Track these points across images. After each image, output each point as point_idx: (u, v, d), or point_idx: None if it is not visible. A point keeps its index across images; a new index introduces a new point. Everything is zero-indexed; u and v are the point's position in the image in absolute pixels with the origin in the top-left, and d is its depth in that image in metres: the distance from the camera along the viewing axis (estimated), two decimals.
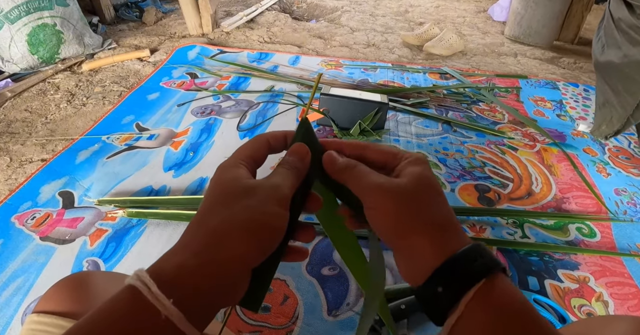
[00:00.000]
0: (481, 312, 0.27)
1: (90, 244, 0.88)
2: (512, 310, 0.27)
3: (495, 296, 0.27)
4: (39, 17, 1.52)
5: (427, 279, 0.29)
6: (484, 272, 0.27)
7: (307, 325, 0.73)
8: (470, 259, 0.28)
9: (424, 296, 0.29)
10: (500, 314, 0.27)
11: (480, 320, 0.27)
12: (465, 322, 0.27)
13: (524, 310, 0.27)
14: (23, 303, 0.76)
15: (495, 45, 2.09)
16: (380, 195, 0.30)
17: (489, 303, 0.27)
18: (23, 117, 1.33)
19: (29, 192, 1.01)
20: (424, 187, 0.31)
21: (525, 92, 1.62)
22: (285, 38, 2.03)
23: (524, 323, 0.26)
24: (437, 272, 0.28)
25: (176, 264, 0.27)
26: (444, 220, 0.30)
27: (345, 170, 0.33)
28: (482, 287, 0.27)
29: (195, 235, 0.28)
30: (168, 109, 1.37)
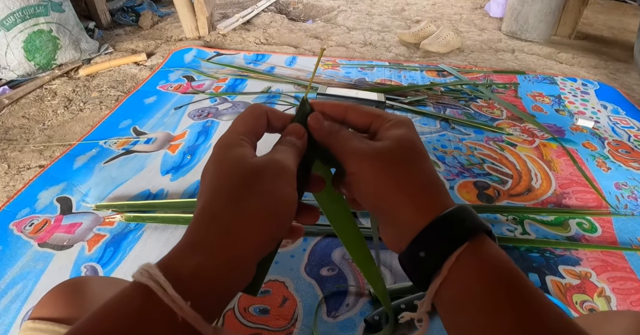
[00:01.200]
0: (465, 275, 0.26)
1: (88, 250, 0.88)
2: (496, 274, 0.26)
3: (479, 259, 0.26)
4: (35, 23, 1.52)
5: (410, 244, 0.28)
6: (467, 235, 0.26)
7: (307, 327, 0.73)
8: (454, 221, 0.27)
9: (407, 261, 0.29)
10: (484, 277, 0.26)
11: (463, 284, 0.26)
12: (449, 287, 0.26)
13: (508, 273, 0.26)
14: (22, 310, 0.76)
15: (492, 42, 2.09)
16: (361, 161, 0.30)
17: (472, 267, 0.26)
18: (21, 124, 1.33)
19: (27, 199, 1.00)
20: (407, 149, 0.30)
21: (523, 88, 1.61)
22: (282, 39, 2.02)
23: (509, 286, 0.25)
24: (419, 235, 0.27)
25: (193, 263, 0.25)
26: (427, 183, 0.29)
27: (329, 135, 0.33)
28: (466, 250, 0.26)
29: (209, 230, 0.27)
30: (165, 112, 1.37)
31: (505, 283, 0.26)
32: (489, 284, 0.26)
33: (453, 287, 0.26)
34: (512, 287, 0.25)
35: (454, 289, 0.26)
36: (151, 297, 0.23)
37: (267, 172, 0.28)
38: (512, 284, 0.26)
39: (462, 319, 0.26)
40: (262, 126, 0.33)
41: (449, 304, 0.27)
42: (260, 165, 0.29)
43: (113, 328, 0.23)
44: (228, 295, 0.27)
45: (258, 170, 0.28)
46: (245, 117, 0.33)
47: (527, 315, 0.24)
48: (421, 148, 0.31)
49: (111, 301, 0.24)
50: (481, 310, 0.25)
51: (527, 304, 0.25)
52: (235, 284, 0.27)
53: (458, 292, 0.26)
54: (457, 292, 0.26)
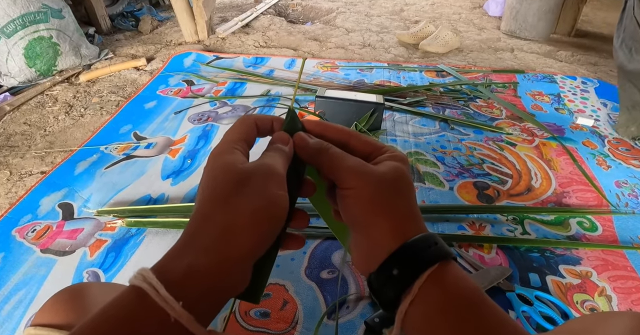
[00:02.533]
0: (434, 294, 0.27)
1: (90, 255, 0.88)
2: (464, 294, 0.28)
3: (448, 280, 0.28)
4: (35, 30, 1.53)
5: (383, 262, 0.29)
6: (437, 258, 0.28)
7: (307, 330, 0.73)
8: (424, 245, 0.29)
9: (377, 281, 0.30)
10: (452, 297, 0.27)
11: (433, 303, 0.27)
12: (419, 306, 0.28)
13: (475, 294, 0.28)
14: (25, 316, 0.76)
15: (491, 41, 2.09)
16: (359, 177, 0.31)
17: (441, 286, 0.28)
18: (22, 130, 1.34)
19: (29, 205, 1.01)
20: (400, 179, 0.32)
21: (523, 87, 1.61)
22: (281, 42, 2.03)
23: (476, 306, 0.27)
24: (395, 254, 0.29)
25: (185, 264, 0.26)
26: (409, 211, 0.31)
27: (319, 152, 0.34)
28: (435, 271, 0.28)
29: (201, 231, 0.28)
30: (165, 117, 1.37)
31: (472, 304, 0.27)
32: (456, 303, 0.27)
33: (421, 306, 0.27)
34: (479, 308, 0.27)
35: (422, 308, 0.27)
36: (145, 299, 0.24)
37: (257, 175, 0.30)
38: (479, 306, 0.27)
39: None
40: (252, 134, 0.35)
41: (417, 325, 0.28)
42: (250, 169, 0.30)
43: (109, 333, 0.23)
44: (222, 296, 0.27)
45: (248, 173, 0.30)
46: (236, 127, 0.35)
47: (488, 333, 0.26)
48: (411, 182, 0.33)
49: (107, 306, 0.24)
50: (449, 329, 0.27)
51: (488, 323, 0.27)
52: (229, 285, 0.27)
53: (426, 311, 0.27)
54: (425, 311, 0.27)
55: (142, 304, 0.24)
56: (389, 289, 0.29)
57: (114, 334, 0.23)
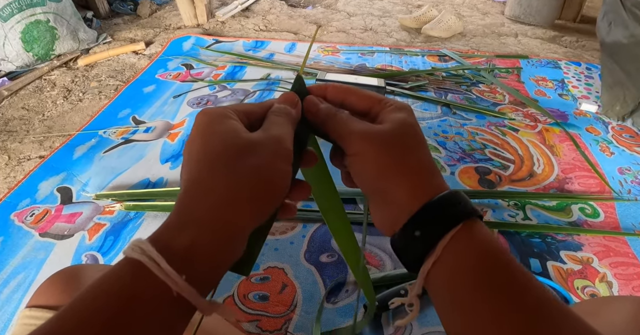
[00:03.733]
0: (458, 255, 0.26)
1: (88, 239, 0.88)
2: (489, 255, 0.26)
3: (472, 240, 0.27)
4: (32, 13, 1.51)
5: (405, 223, 0.28)
6: (461, 217, 0.27)
7: (306, 313, 0.73)
8: (448, 204, 0.28)
9: (400, 242, 0.29)
10: (476, 257, 0.26)
11: (456, 263, 0.26)
12: (442, 266, 0.27)
13: (500, 255, 0.26)
14: (24, 299, 0.76)
15: (495, 26, 2.05)
16: (362, 141, 0.30)
17: (465, 246, 0.27)
18: (20, 115, 1.33)
19: (27, 189, 1.01)
20: (407, 133, 0.30)
21: (527, 72, 1.59)
22: (281, 25, 2.00)
23: (501, 267, 0.26)
24: (416, 215, 0.28)
25: (188, 237, 0.24)
26: (425, 167, 0.30)
27: (327, 118, 0.32)
28: (460, 231, 0.26)
29: (201, 202, 0.26)
30: (164, 101, 1.36)
31: (494, 263, 0.26)
32: (479, 263, 0.26)
33: (445, 266, 0.27)
34: (500, 267, 0.26)
35: (446, 269, 0.27)
36: (143, 273, 0.23)
37: (265, 149, 0.28)
38: (501, 265, 0.26)
39: (452, 298, 0.26)
40: (251, 109, 0.32)
41: (440, 283, 0.27)
42: (257, 141, 0.28)
43: (104, 308, 0.22)
44: (222, 268, 0.27)
45: (254, 145, 0.28)
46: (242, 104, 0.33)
47: (514, 294, 0.25)
48: (420, 133, 0.31)
49: (100, 279, 0.23)
50: (472, 288, 0.25)
51: (514, 283, 0.25)
52: (228, 256, 0.26)
53: (450, 272, 0.26)
54: (448, 272, 0.27)
55: (139, 278, 0.23)
56: (412, 251, 0.28)
57: (108, 309, 0.22)
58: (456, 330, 0.27)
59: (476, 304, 0.25)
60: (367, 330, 0.71)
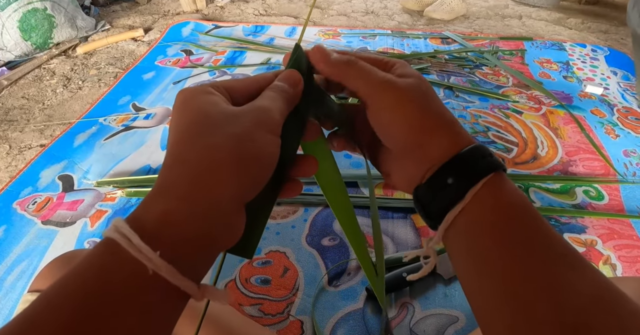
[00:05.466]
0: (486, 203, 0.27)
1: (90, 225, 0.88)
2: (515, 205, 0.27)
3: (500, 191, 0.27)
4: (29, 2, 1.49)
5: (436, 172, 0.28)
6: (491, 169, 0.27)
7: (308, 297, 0.73)
8: (478, 155, 0.28)
9: (427, 193, 0.29)
10: (503, 206, 0.27)
11: (483, 211, 0.27)
12: (468, 214, 0.27)
13: (525, 207, 0.27)
14: (27, 287, 0.76)
15: (499, 8, 2.02)
16: (394, 91, 0.29)
17: (493, 196, 0.27)
18: (20, 105, 1.32)
19: (29, 178, 1.01)
20: (428, 87, 0.30)
21: (531, 55, 1.56)
22: (281, 9, 1.97)
23: (525, 218, 0.26)
24: (448, 164, 0.28)
25: (160, 210, 0.23)
26: (452, 119, 0.30)
27: (346, 66, 0.30)
28: (489, 181, 0.27)
29: (177, 174, 0.24)
30: (164, 87, 1.35)
31: (520, 214, 0.27)
32: (506, 213, 0.26)
33: (471, 214, 0.27)
34: (526, 218, 0.26)
35: (471, 216, 0.27)
36: (117, 251, 0.21)
37: (244, 116, 0.26)
38: (526, 216, 0.26)
39: (473, 246, 0.27)
40: (236, 84, 0.30)
41: (462, 231, 0.28)
42: (238, 111, 0.26)
43: (76, 291, 0.20)
44: (211, 248, 0.24)
45: (234, 115, 0.26)
46: None
47: (538, 244, 0.25)
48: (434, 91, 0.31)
49: (79, 262, 0.22)
50: (496, 235, 0.26)
51: (538, 234, 0.26)
52: (216, 231, 0.24)
53: (474, 219, 0.27)
54: (473, 219, 0.27)
55: (114, 257, 0.21)
56: (442, 199, 0.28)
57: (79, 292, 0.20)
58: (472, 281, 0.27)
59: (499, 251, 0.26)
60: (369, 312, 0.71)
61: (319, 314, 0.71)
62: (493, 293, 0.25)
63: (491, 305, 0.26)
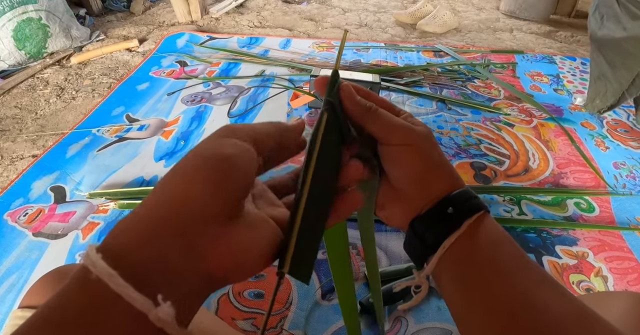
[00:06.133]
0: (476, 235, 0.30)
1: (82, 238, 0.87)
2: (501, 238, 0.31)
3: (487, 225, 0.31)
4: (24, 11, 1.49)
5: (437, 204, 0.32)
6: (480, 207, 0.31)
7: (301, 311, 0.73)
8: (470, 196, 0.32)
9: (425, 222, 0.32)
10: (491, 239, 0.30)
11: (474, 242, 0.30)
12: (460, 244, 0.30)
13: (509, 240, 0.31)
14: (17, 299, 0.76)
15: (490, 21, 2.05)
16: (410, 134, 0.32)
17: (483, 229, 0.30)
18: (13, 114, 1.31)
19: (20, 189, 1.00)
20: (433, 136, 0.34)
21: (522, 68, 1.59)
22: (276, 22, 1.99)
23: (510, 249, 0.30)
24: (448, 197, 0.32)
25: (122, 223, 0.22)
26: (450, 165, 0.34)
27: (369, 112, 0.33)
28: (478, 217, 0.31)
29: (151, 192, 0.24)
30: (158, 98, 1.35)
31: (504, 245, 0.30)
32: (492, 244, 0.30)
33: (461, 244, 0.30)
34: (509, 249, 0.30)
35: (462, 247, 0.30)
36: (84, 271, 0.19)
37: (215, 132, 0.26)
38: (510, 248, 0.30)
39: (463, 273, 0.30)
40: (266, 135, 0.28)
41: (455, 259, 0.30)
42: None
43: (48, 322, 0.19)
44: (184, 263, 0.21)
45: None
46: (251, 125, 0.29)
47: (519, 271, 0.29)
48: None
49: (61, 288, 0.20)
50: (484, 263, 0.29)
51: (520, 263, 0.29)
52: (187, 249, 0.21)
53: (465, 249, 0.30)
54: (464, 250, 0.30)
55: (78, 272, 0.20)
56: (439, 228, 0.31)
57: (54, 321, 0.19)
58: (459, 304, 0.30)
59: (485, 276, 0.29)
60: (363, 326, 0.71)
61: (313, 328, 0.71)
62: (478, 312, 0.29)
63: (477, 323, 0.29)
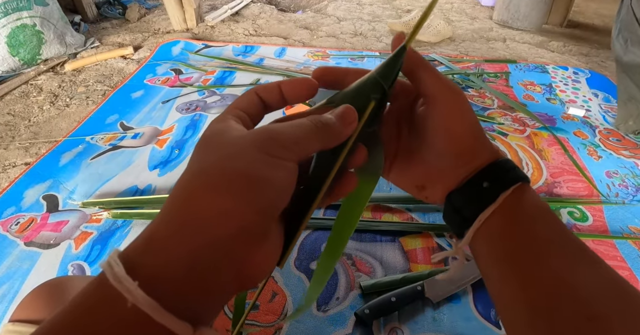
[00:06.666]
0: (513, 207, 0.29)
1: (75, 248, 0.86)
2: (539, 210, 0.30)
3: (525, 197, 0.30)
4: (18, 17, 1.49)
5: (473, 176, 0.31)
6: (519, 178, 0.30)
7: (296, 322, 0.72)
8: (509, 166, 0.31)
9: (461, 196, 0.31)
10: (528, 211, 0.29)
11: (511, 214, 0.29)
12: (498, 216, 0.29)
13: (547, 211, 0.30)
14: (8, 311, 0.75)
15: (483, 31, 2.07)
16: (460, 97, 0.31)
17: (520, 201, 0.29)
18: (6, 121, 1.30)
19: (12, 197, 0.99)
20: None
21: (515, 77, 1.60)
22: (271, 30, 2.00)
23: (548, 220, 0.29)
24: (485, 170, 0.31)
25: (144, 236, 0.21)
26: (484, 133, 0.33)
27: (424, 64, 0.31)
28: (516, 188, 0.29)
29: (169, 199, 0.22)
30: (152, 106, 1.35)
31: (542, 217, 0.29)
32: (529, 216, 0.29)
33: (498, 217, 0.29)
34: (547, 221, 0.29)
35: (499, 219, 0.29)
36: (105, 282, 0.19)
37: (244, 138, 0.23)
38: (548, 219, 0.29)
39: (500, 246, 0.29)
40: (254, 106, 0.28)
41: (491, 233, 0.30)
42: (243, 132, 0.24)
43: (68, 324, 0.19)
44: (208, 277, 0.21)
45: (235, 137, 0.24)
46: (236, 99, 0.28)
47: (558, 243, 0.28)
48: None
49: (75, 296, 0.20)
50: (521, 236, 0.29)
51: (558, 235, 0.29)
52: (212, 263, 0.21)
53: (502, 222, 0.29)
54: (501, 222, 0.29)
55: (101, 289, 0.19)
56: (475, 202, 0.30)
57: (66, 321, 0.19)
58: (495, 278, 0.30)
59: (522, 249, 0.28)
60: None
61: None
62: (512, 287, 0.28)
63: (510, 298, 0.28)
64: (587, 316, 0.24)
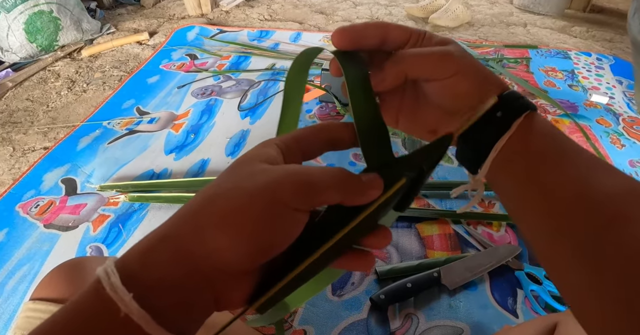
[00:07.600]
0: (527, 132, 0.29)
1: (93, 230, 0.88)
2: (550, 132, 0.30)
3: (536, 123, 0.30)
4: (35, 4, 1.50)
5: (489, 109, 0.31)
6: (528, 106, 0.30)
7: (312, 306, 0.72)
8: (517, 96, 0.31)
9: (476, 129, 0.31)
10: (541, 134, 0.30)
11: (525, 139, 0.29)
12: (513, 142, 0.29)
13: (558, 132, 0.30)
14: (29, 290, 0.77)
15: (503, 15, 2.02)
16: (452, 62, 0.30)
17: (531, 127, 0.30)
18: (25, 107, 1.32)
19: (32, 181, 1.00)
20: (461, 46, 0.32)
21: (536, 63, 1.56)
22: (286, 15, 1.98)
23: (559, 139, 0.30)
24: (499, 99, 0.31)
25: (141, 249, 0.22)
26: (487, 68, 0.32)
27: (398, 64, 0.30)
28: (528, 115, 0.30)
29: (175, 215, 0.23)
30: (168, 91, 1.35)
31: (554, 137, 0.30)
32: (543, 138, 0.29)
33: (513, 144, 0.30)
34: (559, 140, 0.30)
35: (514, 146, 0.29)
36: (101, 291, 0.20)
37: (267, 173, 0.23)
38: (560, 138, 0.30)
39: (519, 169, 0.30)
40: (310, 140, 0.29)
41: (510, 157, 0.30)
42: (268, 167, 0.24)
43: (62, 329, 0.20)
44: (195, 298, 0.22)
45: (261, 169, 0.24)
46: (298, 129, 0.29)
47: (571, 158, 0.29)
48: None
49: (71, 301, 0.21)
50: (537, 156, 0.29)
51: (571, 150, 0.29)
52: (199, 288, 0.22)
53: (517, 148, 0.29)
54: (517, 148, 0.29)
55: (97, 297, 0.20)
56: (490, 131, 0.30)
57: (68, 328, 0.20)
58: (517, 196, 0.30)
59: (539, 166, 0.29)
60: (373, 323, 0.71)
61: (322, 324, 0.70)
62: (534, 206, 0.29)
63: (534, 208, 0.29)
64: (608, 217, 0.25)
